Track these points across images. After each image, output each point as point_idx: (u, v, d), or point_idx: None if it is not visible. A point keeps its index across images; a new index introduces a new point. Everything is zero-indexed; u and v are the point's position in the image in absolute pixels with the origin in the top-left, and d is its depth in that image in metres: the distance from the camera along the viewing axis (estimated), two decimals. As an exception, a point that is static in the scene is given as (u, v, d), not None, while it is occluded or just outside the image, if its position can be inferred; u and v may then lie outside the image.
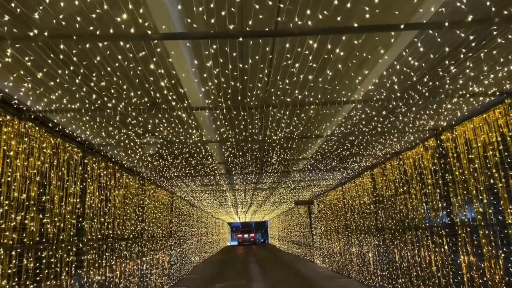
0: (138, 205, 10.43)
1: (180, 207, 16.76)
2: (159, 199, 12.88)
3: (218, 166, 10.00)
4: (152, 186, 11.81)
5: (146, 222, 11.12)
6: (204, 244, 26.77)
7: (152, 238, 11.67)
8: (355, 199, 13.01)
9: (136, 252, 10.00)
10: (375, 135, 7.01)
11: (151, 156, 8.29)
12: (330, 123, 6.43)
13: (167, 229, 13.99)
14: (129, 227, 9.51)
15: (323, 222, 18.62)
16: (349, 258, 14.18)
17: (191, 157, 8.62)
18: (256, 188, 15.17)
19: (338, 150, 8.43)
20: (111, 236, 8.26)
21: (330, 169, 10.97)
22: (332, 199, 16.38)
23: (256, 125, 6.34)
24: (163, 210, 13.41)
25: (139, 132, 6.50)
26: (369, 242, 11.60)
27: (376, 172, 10.65)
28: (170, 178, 11.26)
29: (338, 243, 15.75)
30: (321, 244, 19.49)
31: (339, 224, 15.46)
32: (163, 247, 13.12)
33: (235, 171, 10.77)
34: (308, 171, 11.67)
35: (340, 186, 14.91)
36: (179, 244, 16.38)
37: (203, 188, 14.52)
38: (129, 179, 9.71)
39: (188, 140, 6.87)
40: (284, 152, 8.67)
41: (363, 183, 11.98)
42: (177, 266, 15.48)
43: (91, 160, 7.40)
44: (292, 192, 18.26)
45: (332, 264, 16.80)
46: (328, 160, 9.64)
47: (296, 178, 12.95)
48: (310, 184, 14.91)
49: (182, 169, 9.87)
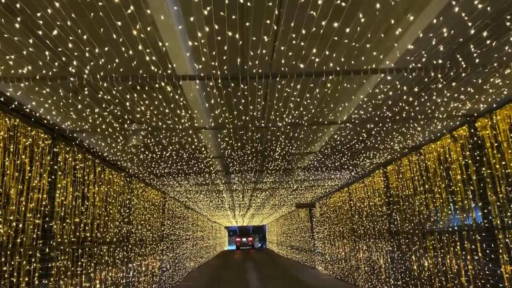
0: (124, 205, 9.33)
1: (174, 208, 15.63)
2: (149, 199, 11.77)
3: (213, 162, 8.93)
4: (141, 185, 10.70)
5: (134, 224, 10.01)
6: (200, 249, 25.59)
7: (140, 242, 10.55)
8: (363, 201, 11.93)
9: (120, 257, 8.88)
10: (398, 121, 5.95)
11: (136, 147, 7.22)
12: (348, 103, 5.35)
13: (158, 233, 12.86)
14: (112, 230, 8.40)
15: (325, 226, 17.53)
16: (356, 265, 13.08)
17: (182, 148, 7.55)
18: (256, 188, 14.08)
19: (352, 142, 7.39)
20: (88, 239, 7.15)
21: (338, 167, 9.93)
22: (336, 201, 15.30)
23: (259, 106, 5.28)
24: (154, 212, 12.30)
25: (117, 114, 5.43)
26: (380, 248, 10.51)
27: (390, 170, 9.58)
28: (161, 176, 10.17)
29: (343, 249, 14.65)
30: (323, 249, 18.38)
31: (344, 228, 14.37)
32: (153, 252, 11.99)
33: (233, 167, 9.69)
34: (313, 169, 10.64)
35: (346, 187, 13.83)
36: (172, 248, 15.24)
37: (198, 188, 13.42)
38: (113, 175, 8.61)
39: (177, 126, 5.81)
40: (290, 144, 7.61)
41: (373, 183, 10.91)
42: (169, 272, 14.33)
43: (64, 149, 6.31)
44: (293, 194, 17.17)
45: (336, 271, 15.68)
46: (338, 156, 8.60)
47: (300, 177, 11.89)
48: (313, 185, 13.84)
49: (173, 164, 8.80)
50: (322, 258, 18.65)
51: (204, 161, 8.70)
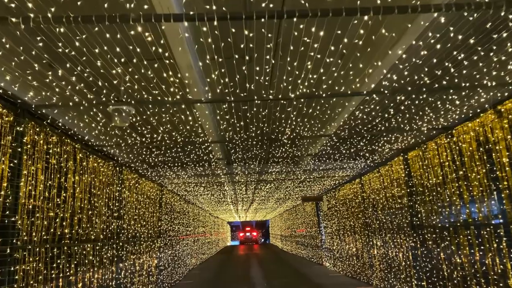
0: (113, 197, 8.30)
1: (172, 203, 14.61)
2: (144, 192, 10.74)
3: (213, 148, 7.87)
4: (133, 175, 9.67)
5: (125, 219, 8.99)
6: (202, 245, 24.62)
7: (133, 239, 9.54)
8: (378, 193, 10.87)
9: (109, 256, 7.87)
10: (437, 91, 4.87)
11: (121, 129, 6.18)
12: (382, 61, 4.26)
13: (155, 228, 11.85)
14: (98, 225, 7.38)
15: (334, 220, 16.49)
16: (369, 262, 12.04)
17: (175, 130, 6.50)
18: (260, 180, 13.04)
19: (374, 121, 6.33)
20: (67, 236, 6.13)
21: (352, 154, 8.87)
22: (346, 193, 14.24)
23: (267, 67, 4.21)
24: (150, 206, 11.27)
25: (96, 87, 4.36)
26: (399, 244, 9.46)
27: (413, 156, 8.50)
28: (155, 165, 9.13)
29: (354, 244, 13.62)
30: (331, 245, 17.35)
31: (355, 222, 13.33)
32: (149, 249, 10.98)
33: (235, 155, 8.63)
34: (324, 157, 9.59)
35: (358, 178, 12.76)
36: (171, 245, 14.24)
37: (198, 180, 12.39)
38: (99, 163, 7.57)
39: (167, 98, 4.75)
40: (301, 124, 6.54)
41: (391, 172, 9.84)
42: (168, 271, 13.34)
43: (32, 129, 5.27)
44: (300, 187, 16.12)
45: (346, 268, 14.66)
46: (355, 140, 7.53)
47: (309, 167, 10.83)
48: (323, 176, 12.77)
49: (166, 151, 7.76)
50: (330, 254, 17.63)
51: (202, 147, 7.65)
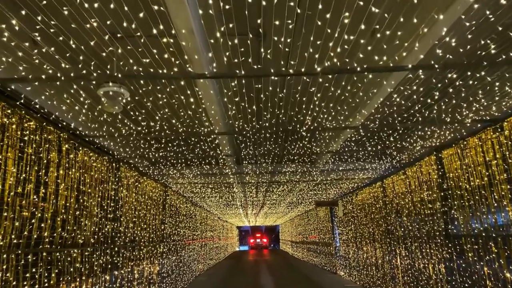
0: (108, 197, 7.40)
1: (177, 204, 13.69)
2: (145, 192, 9.84)
3: (220, 141, 6.90)
4: (132, 173, 8.77)
5: (122, 221, 8.08)
6: (210, 250, 23.65)
7: (132, 244, 8.63)
8: (404, 197, 9.79)
9: (101, 263, 6.95)
10: (500, 66, 3.85)
11: (113, 116, 5.27)
12: (433, 26, 3.23)
13: (157, 232, 10.93)
14: (88, 228, 6.46)
15: (350, 227, 15.38)
16: (391, 273, 10.93)
17: (175, 117, 5.57)
18: (272, 182, 12.04)
19: (412, 109, 5.32)
20: (47, 240, 5.22)
21: (378, 152, 7.85)
22: (365, 198, 13.15)
23: (290, 23, 3.22)
24: (152, 208, 10.36)
25: (81, 63, 3.45)
26: (429, 254, 8.37)
27: (448, 154, 7.44)
28: (156, 162, 8.21)
29: (373, 253, 12.51)
30: (346, 253, 16.23)
31: (375, 229, 12.23)
32: (150, 255, 10.06)
33: (246, 150, 7.67)
34: (345, 156, 8.58)
35: (380, 181, 11.68)
36: (175, 250, 13.31)
37: (204, 179, 11.45)
38: (90, 156, 6.68)
39: (161, 70, 3.82)
40: (325, 111, 5.54)
41: (419, 174, 8.77)
42: (171, 278, 12.39)
43: (0, 111, 4.39)
44: (315, 190, 15.07)
45: (363, 279, 13.53)
46: (384, 134, 6.52)
47: (327, 167, 9.81)
48: (341, 178, 11.71)
49: (167, 144, 6.84)
50: (345, 263, 16.51)
51: (208, 140, 6.71)
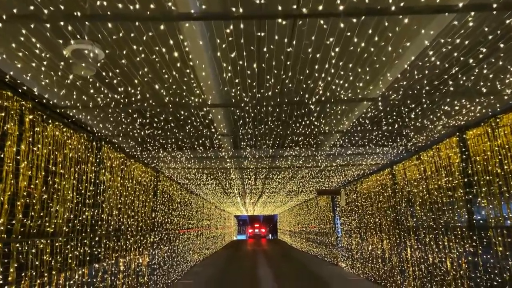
0: (87, 179, 6.50)
1: (170, 191, 12.82)
2: (133, 176, 8.95)
3: (214, 116, 5.96)
4: (117, 154, 7.87)
5: (105, 208, 7.21)
6: (206, 239, 22.90)
7: (117, 233, 7.77)
8: (417, 184, 8.93)
9: (78, 255, 6.09)
10: None
11: (84, 80, 4.34)
12: None
13: (148, 220, 10.07)
14: (59, 214, 5.58)
15: (354, 216, 14.58)
16: (400, 266, 10.14)
17: (158, 80, 4.64)
18: (272, 167, 11.17)
19: (447, 73, 4.42)
20: (2, 229, 4.34)
21: (394, 132, 6.96)
22: (372, 186, 12.31)
23: None
24: (141, 194, 9.49)
25: None
26: (447, 247, 7.54)
27: (475, 135, 6.54)
28: (143, 142, 7.30)
29: (380, 245, 11.71)
30: (349, 244, 15.45)
31: (382, 219, 11.41)
32: (139, 245, 9.21)
33: (244, 129, 6.76)
34: (356, 137, 7.71)
35: (389, 168, 10.82)
36: (168, 240, 12.48)
37: (199, 164, 10.56)
38: (64, 132, 5.76)
39: (133, 5, 2.90)
40: (343, 74, 4.60)
41: (436, 158, 7.89)
42: (163, 269, 11.59)
43: None
44: (317, 177, 14.21)
45: (367, 272, 12.76)
46: (406, 109, 5.63)
47: (333, 150, 8.94)
48: (347, 164, 10.84)
49: (153, 119, 5.92)
50: (347, 254, 15.75)
51: (201, 114, 5.80)
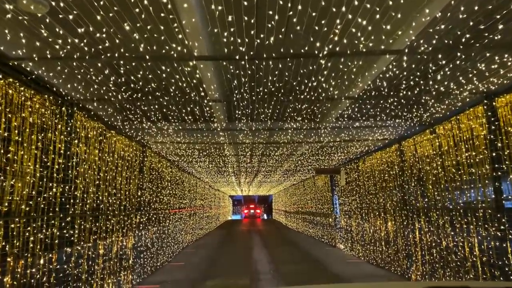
0: (54, 151, 5.55)
1: (159, 168, 11.91)
2: (115, 150, 8.01)
3: (203, 73, 4.99)
4: (94, 124, 6.89)
5: (78, 184, 6.28)
6: (200, 220, 22.19)
7: (94, 213, 6.88)
8: (430, 161, 8.08)
9: (44, 238, 5.20)
10: None
11: (33, 18, 3.34)
12: None
13: (133, 199, 9.19)
14: (16, 191, 4.65)
15: (354, 196, 13.81)
16: (407, 250, 9.40)
17: (128, 18, 3.65)
18: (270, 143, 10.26)
19: (495, 15, 3.48)
20: None
21: (411, 99, 6.04)
22: (376, 164, 11.47)
23: None
24: (124, 170, 8.56)
25: None
26: (466, 230, 6.75)
27: (506, 102, 5.63)
28: (123, 109, 6.33)
29: (383, 226, 10.97)
30: (348, 225, 14.75)
31: (387, 199, 10.62)
32: (122, 226, 8.35)
33: (238, 93, 5.80)
34: (368, 104, 6.80)
35: (396, 143, 9.95)
36: (157, 220, 11.65)
37: (190, 138, 9.62)
38: (21, 92, 4.77)
39: None
40: (362, 10, 3.63)
41: (456, 131, 7.01)
42: (151, 251, 10.79)
43: None
44: (318, 154, 13.34)
45: (368, 255, 12.07)
46: (435, 64, 4.70)
47: (338, 123, 8.03)
48: (352, 139, 9.95)
49: (130, 76, 4.95)
50: (346, 236, 15.07)
51: (186, 71, 4.81)
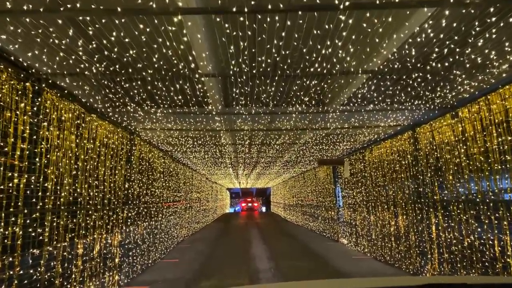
0: (14, 134, 4.62)
1: (150, 159, 10.99)
2: (97, 136, 7.08)
3: (192, 41, 4.08)
4: (70, 105, 5.96)
5: (50, 174, 5.37)
6: (196, 213, 21.34)
7: (70, 207, 5.97)
8: (451, 149, 7.21)
9: (3, 239, 4.29)
10: None
11: None
12: None
13: (119, 192, 8.28)
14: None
15: (359, 189, 12.96)
16: (421, 246, 8.57)
17: None
18: (270, 130, 9.35)
19: None
20: None
21: (439, 76, 5.16)
22: (385, 153, 10.60)
23: None
24: (108, 159, 7.65)
25: None
26: (499, 227, 5.90)
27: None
28: (100, 87, 5.41)
29: (393, 221, 10.13)
30: (353, 219, 13.92)
31: (398, 192, 9.77)
32: (105, 221, 7.45)
33: (236, 65, 4.90)
34: (387, 82, 5.93)
35: (410, 130, 9.06)
36: (148, 214, 10.76)
37: (182, 124, 8.69)
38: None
39: None
40: None
41: (485, 113, 6.12)
42: (141, 248, 9.92)
43: None
44: (322, 143, 12.44)
45: (376, 250, 11.25)
46: (474, 30, 3.81)
47: (350, 105, 7.14)
48: (361, 125, 9.05)
49: (102, 40, 4.03)
50: (350, 230, 14.25)
51: (170, 31, 3.89)
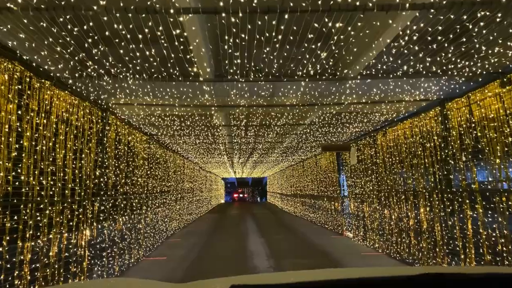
0: None
1: (130, 142, 9.49)
2: (53, 111, 5.59)
3: None
4: (8, 65, 4.45)
5: (19, 164, 3.88)
6: (188, 204, 19.93)
7: (9, 202, 4.51)
8: (499, 125, 5.80)
9: None
10: None
11: None
12: None
13: (88, 181, 6.81)
14: None
15: (370, 177, 11.58)
16: (449, 244, 7.22)
17: None
18: (271, 105, 7.89)
19: None
20: None
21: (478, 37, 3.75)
22: (403, 135, 9.18)
23: None
24: (71, 140, 6.16)
25: None
26: None
27: None
28: (45, 34, 3.93)
29: (411, 214, 8.77)
30: (360, 210, 12.57)
31: (419, 179, 8.39)
32: (68, 217, 5.99)
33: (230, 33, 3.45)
34: (416, 47, 4.54)
35: (437, 106, 7.63)
36: (129, 207, 9.31)
37: (163, 99, 7.20)
38: None
39: None
40: None
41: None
42: (119, 247, 8.49)
43: None
44: (328, 125, 11.02)
45: (390, 246, 9.91)
46: None
47: (364, 80, 5.72)
48: (381, 100, 7.60)
49: None
50: (357, 223, 12.91)
51: None
